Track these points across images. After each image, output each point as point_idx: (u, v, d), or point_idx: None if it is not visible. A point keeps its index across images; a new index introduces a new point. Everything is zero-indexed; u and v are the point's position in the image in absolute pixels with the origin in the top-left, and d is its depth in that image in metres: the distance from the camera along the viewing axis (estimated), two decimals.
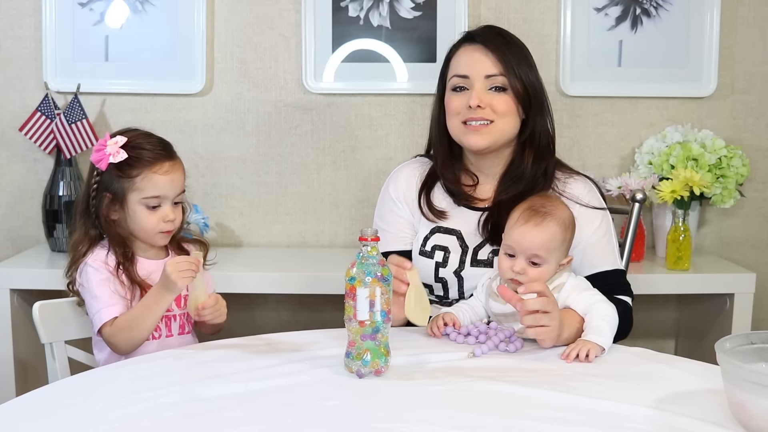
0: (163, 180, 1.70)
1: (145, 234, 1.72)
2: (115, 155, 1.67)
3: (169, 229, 1.72)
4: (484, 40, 1.80)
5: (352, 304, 1.40)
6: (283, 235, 2.72)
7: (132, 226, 1.71)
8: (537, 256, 1.60)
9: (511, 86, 1.78)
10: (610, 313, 1.59)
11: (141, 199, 1.69)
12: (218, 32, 2.64)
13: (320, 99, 2.67)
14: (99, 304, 1.67)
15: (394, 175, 1.94)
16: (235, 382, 1.38)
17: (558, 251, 1.62)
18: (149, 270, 1.72)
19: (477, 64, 1.78)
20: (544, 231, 1.60)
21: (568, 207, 1.70)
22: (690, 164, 2.47)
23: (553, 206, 1.65)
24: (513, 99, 1.78)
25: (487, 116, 1.77)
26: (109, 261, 1.69)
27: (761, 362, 1.29)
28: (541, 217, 1.61)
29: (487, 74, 1.78)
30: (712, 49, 2.62)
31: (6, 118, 2.64)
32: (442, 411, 1.26)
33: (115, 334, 1.65)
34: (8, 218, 2.68)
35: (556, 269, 1.63)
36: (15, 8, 2.61)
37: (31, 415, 1.26)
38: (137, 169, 1.68)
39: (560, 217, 1.63)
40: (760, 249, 2.74)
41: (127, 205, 1.69)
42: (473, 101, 1.76)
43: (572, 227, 1.66)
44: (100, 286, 1.67)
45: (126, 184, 1.68)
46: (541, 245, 1.59)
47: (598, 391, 1.35)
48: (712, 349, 1.25)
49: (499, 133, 1.79)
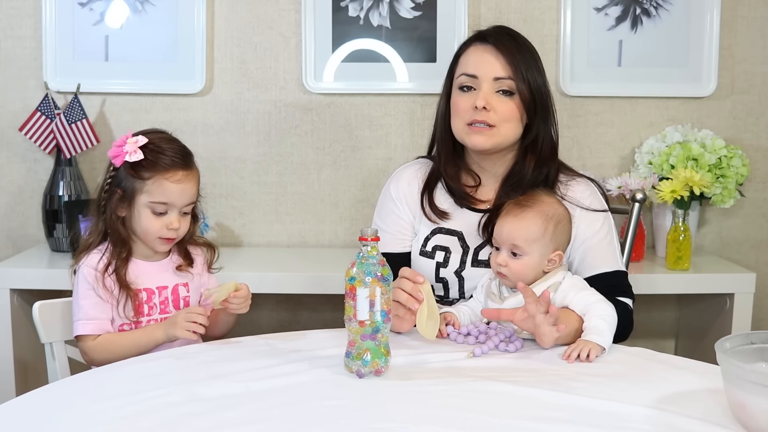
0: (174, 188, 1.70)
1: (146, 237, 1.72)
2: (131, 154, 1.68)
3: (171, 236, 1.72)
4: (495, 41, 1.79)
5: (352, 304, 1.40)
6: (283, 235, 2.72)
7: (135, 226, 1.71)
8: (516, 246, 1.62)
9: (519, 91, 1.77)
10: (609, 312, 1.59)
11: (148, 202, 1.69)
12: (218, 32, 2.64)
13: (320, 99, 2.67)
14: (78, 314, 1.68)
15: (396, 175, 1.94)
16: (235, 382, 1.38)
17: (539, 243, 1.62)
18: (141, 271, 1.72)
19: (487, 66, 1.78)
20: (522, 221, 1.62)
21: (561, 204, 1.70)
22: (690, 164, 2.47)
23: (538, 201, 1.66)
24: (518, 104, 1.77)
25: (490, 120, 1.76)
26: (100, 265, 1.69)
27: (761, 362, 1.30)
28: (522, 209, 1.64)
29: (496, 76, 1.77)
30: (712, 49, 2.62)
31: (6, 118, 2.64)
32: (442, 411, 1.26)
33: (94, 350, 1.67)
34: (8, 218, 2.68)
35: (542, 264, 1.63)
36: (15, 8, 2.61)
37: (31, 415, 1.26)
38: (150, 172, 1.68)
39: (542, 210, 1.64)
40: (760, 249, 2.74)
41: (134, 205, 1.70)
42: (480, 102, 1.76)
43: (559, 222, 1.65)
44: (85, 296, 1.68)
45: (137, 184, 1.69)
46: (519, 235, 1.61)
47: (598, 391, 1.35)
48: (712, 349, 1.25)
49: (502, 137, 1.78)
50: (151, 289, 1.72)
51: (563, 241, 1.68)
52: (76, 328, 1.68)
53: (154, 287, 1.73)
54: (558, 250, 1.65)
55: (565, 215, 1.68)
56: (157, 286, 1.73)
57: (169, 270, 1.76)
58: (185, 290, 1.76)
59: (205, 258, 1.82)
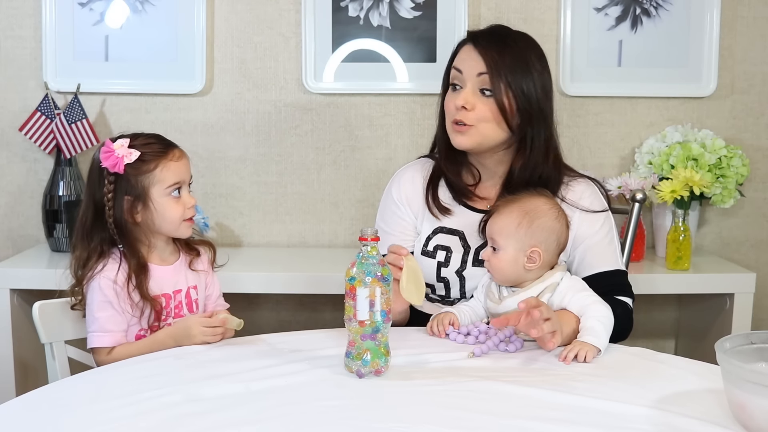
0: (178, 165, 1.71)
1: (173, 226, 1.71)
2: (128, 156, 1.67)
3: (192, 215, 1.73)
4: (481, 40, 1.79)
5: (352, 304, 1.40)
6: (283, 235, 2.72)
7: (159, 221, 1.70)
8: (493, 240, 1.64)
9: (496, 91, 1.74)
10: (605, 314, 1.59)
11: (164, 189, 1.69)
12: (218, 32, 2.64)
13: (320, 99, 2.67)
14: (94, 326, 1.67)
15: (398, 176, 1.94)
16: (235, 382, 1.38)
17: (513, 238, 1.62)
18: (159, 276, 1.72)
19: (470, 63, 1.78)
20: (500, 216, 1.65)
21: (549, 203, 1.68)
22: (690, 164, 2.47)
23: (524, 198, 1.67)
24: (497, 105, 1.75)
25: (467, 119, 1.75)
26: (119, 278, 1.67)
27: (761, 362, 1.30)
28: (505, 204, 1.66)
29: (478, 72, 1.76)
30: (712, 49, 2.62)
31: (6, 118, 2.64)
32: (442, 411, 1.26)
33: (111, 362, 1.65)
34: (8, 218, 2.68)
35: (519, 260, 1.62)
36: (15, 8, 2.61)
37: (31, 415, 1.26)
38: (154, 162, 1.69)
39: (521, 206, 1.64)
40: (760, 249, 2.74)
41: (151, 201, 1.68)
42: (458, 101, 1.76)
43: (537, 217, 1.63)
44: (101, 308, 1.67)
45: (145, 180, 1.68)
46: (495, 229, 1.64)
47: (598, 391, 1.35)
48: (712, 349, 1.25)
49: (481, 136, 1.77)
50: (168, 293, 1.72)
51: (543, 238, 1.63)
52: (91, 340, 1.68)
53: (170, 291, 1.73)
54: (535, 247, 1.62)
55: (547, 212, 1.65)
56: (174, 290, 1.73)
57: (182, 271, 1.76)
58: (195, 293, 1.77)
59: (208, 257, 1.82)
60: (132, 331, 1.70)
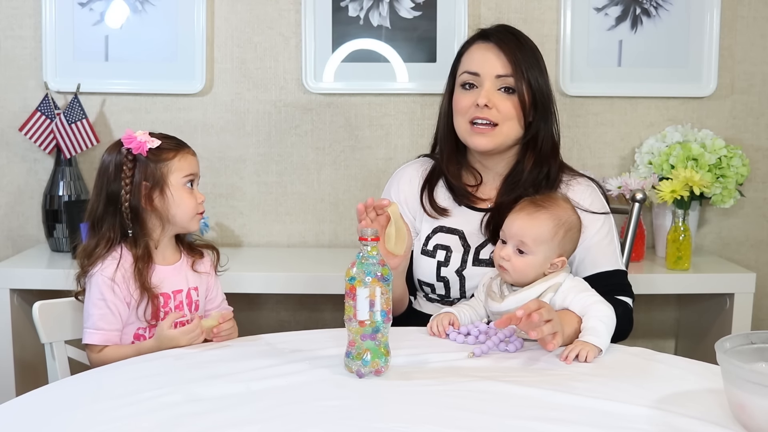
0: (193, 159, 1.76)
1: (186, 217, 1.72)
2: (150, 142, 1.70)
3: (203, 210, 1.76)
4: (498, 40, 1.80)
5: (352, 304, 1.40)
6: (283, 235, 2.72)
7: (174, 210, 1.71)
8: (523, 244, 1.62)
9: (520, 89, 1.77)
10: (607, 314, 1.59)
11: (182, 177, 1.71)
12: (218, 32, 2.64)
13: (320, 99, 2.67)
14: (89, 321, 1.68)
15: (396, 176, 1.94)
16: (235, 382, 1.38)
17: (546, 246, 1.62)
18: (160, 275, 1.72)
19: (489, 63, 1.78)
20: (534, 221, 1.63)
21: (575, 212, 1.69)
22: (690, 164, 2.47)
23: (555, 204, 1.66)
24: (520, 102, 1.78)
25: (492, 117, 1.77)
26: (117, 275, 1.68)
27: (761, 362, 1.30)
28: (536, 208, 1.64)
29: (498, 74, 1.78)
30: (712, 49, 2.62)
31: (6, 118, 2.64)
32: (442, 411, 1.26)
33: (97, 363, 1.66)
34: (8, 218, 2.68)
35: (544, 266, 1.63)
36: (15, 8, 2.61)
37: (31, 415, 1.26)
38: (173, 151, 1.72)
39: (557, 214, 1.64)
40: (760, 249, 2.75)
41: (168, 188, 1.70)
42: (482, 100, 1.76)
43: (570, 229, 1.65)
44: (96, 305, 1.67)
45: (164, 168, 1.70)
46: (529, 234, 1.62)
47: (598, 391, 1.35)
48: (712, 349, 1.25)
49: (503, 136, 1.79)
50: (168, 293, 1.72)
51: (569, 248, 1.68)
52: (84, 336, 1.69)
53: (170, 291, 1.73)
54: (562, 256, 1.65)
55: (576, 224, 1.68)
56: (173, 290, 1.73)
57: (182, 272, 1.76)
58: (196, 294, 1.77)
59: (211, 260, 1.82)
60: (131, 330, 1.70)
